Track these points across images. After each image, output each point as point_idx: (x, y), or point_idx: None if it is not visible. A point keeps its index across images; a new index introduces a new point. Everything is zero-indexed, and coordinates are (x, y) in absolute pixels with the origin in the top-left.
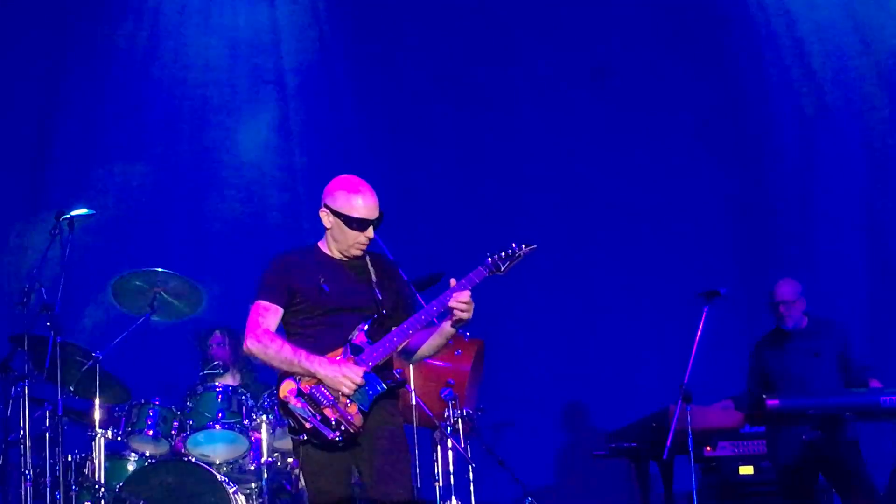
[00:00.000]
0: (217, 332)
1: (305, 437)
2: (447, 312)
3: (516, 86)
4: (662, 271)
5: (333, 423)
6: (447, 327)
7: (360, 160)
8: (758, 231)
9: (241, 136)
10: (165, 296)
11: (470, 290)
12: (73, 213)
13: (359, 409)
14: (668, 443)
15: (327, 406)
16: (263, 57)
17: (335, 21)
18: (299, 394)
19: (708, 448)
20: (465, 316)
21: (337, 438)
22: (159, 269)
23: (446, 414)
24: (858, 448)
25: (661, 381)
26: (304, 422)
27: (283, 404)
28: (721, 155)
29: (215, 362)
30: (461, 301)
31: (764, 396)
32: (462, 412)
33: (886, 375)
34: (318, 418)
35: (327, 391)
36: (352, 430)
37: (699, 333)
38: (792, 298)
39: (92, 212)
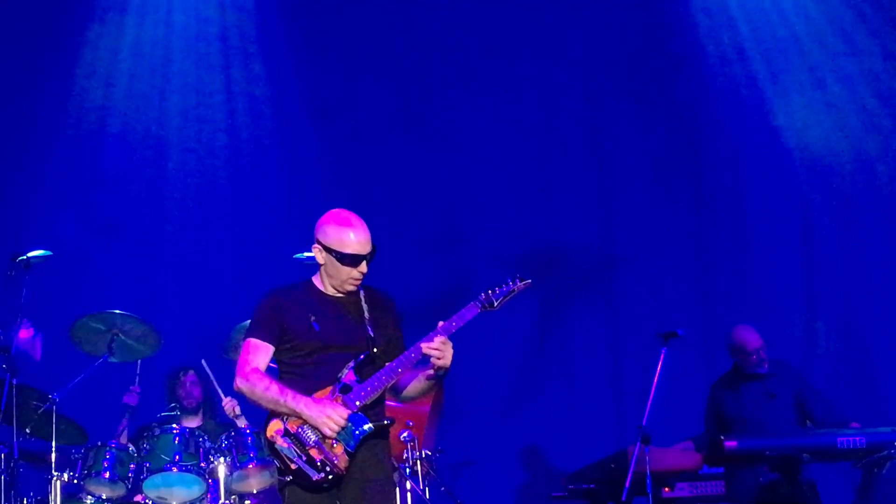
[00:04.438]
0: (192, 372)
1: (291, 478)
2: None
3: (471, 125)
4: (621, 312)
5: (318, 463)
6: (428, 375)
7: (317, 196)
8: (716, 271)
9: (196, 176)
10: (123, 337)
11: (445, 336)
12: (30, 254)
13: (344, 449)
14: (627, 484)
15: (312, 447)
16: (217, 98)
17: (293, 56)
18: (286, 433)
19: (666, 489)
20: (441, 363)
21: (321, 479)
22: (117, 311)
23: (405, 456)
24: (816, 490)
25: (619, 423)
26: (289, 462)
27: (270, 444)
28: (678, 196)
29: (172, 404)
30: (433, 347)
31: (722, 437)
32: (421, 454)
33: None
34: (304, 459)
35: (313, 431)
36: (336, 472)
37: (657, 374)
38: (762, 343)
39: (48, 253)
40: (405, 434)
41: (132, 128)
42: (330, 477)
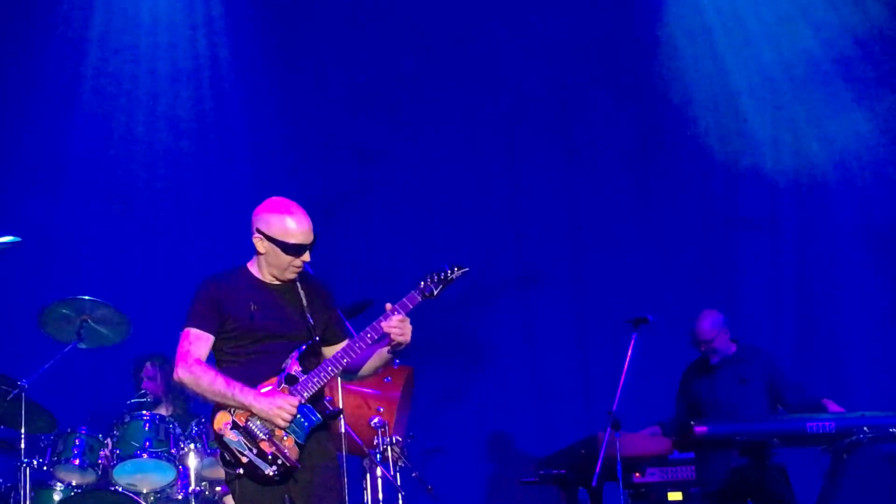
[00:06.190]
0: (148, 365)
1: (242, 472)
2: (384, 337)
3: (439, 111)
4: (591, 298)
5: (270, 456)
6: (385, 351)
7: (288, 183)
8: (684, 257)
9: (166, 161)
10: (92, 324)
11: (403, 314)
12: None
13: (295, 442)
14: (598, 469)
15: (263, 440)
16: (185, 85)
17: (261, 45)
18: (235, 426)
19: (637, 474)
20: (401, 339)
21: (273, 473)
22: (86, 297)
23: (375, 441)
24: (786, 474)
25: (589, 408)
26: (240, 455)
27: (219, 437)
28: (647, 182)
29: (142, 391)
30: (393, 324)
31: (692, 423)
32: (391, 439)
33: None
34: (255, 452)
35: (263, 424)
36: (288, 465)
37: (628, 360)
38: (711, 336)
39: (17, 239)
40: (376, 420)
41: (100, 113)
42: (282, 470)
